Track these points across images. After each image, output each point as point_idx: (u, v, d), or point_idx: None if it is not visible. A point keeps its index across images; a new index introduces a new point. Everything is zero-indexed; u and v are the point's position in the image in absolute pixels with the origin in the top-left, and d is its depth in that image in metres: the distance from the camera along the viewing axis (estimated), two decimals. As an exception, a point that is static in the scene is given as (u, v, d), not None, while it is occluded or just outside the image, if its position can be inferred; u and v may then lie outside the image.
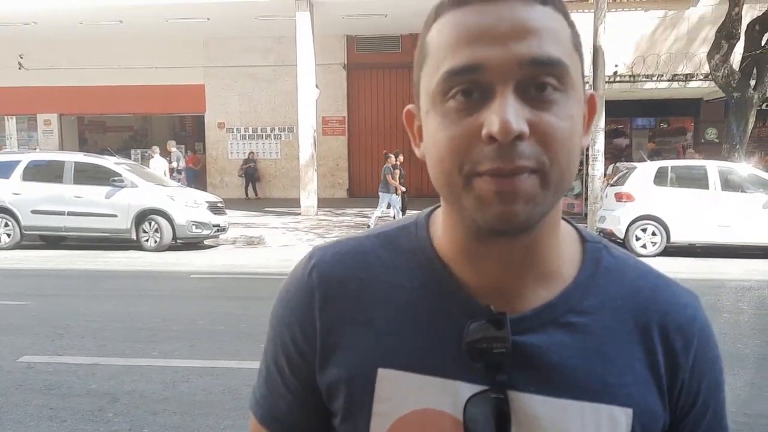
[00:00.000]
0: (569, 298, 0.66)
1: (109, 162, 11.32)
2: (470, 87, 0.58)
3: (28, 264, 9.53)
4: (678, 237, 10.08)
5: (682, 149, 16.27)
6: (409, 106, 0.69)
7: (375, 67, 18.31)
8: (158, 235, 10.72)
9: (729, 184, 10.18)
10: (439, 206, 0.70)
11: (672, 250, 10.14)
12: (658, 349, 0.66)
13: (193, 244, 11.35)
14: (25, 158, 11.34)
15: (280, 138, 19.62)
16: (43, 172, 11.07)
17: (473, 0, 0.60)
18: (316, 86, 15.19)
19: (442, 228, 0.68)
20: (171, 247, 10.86)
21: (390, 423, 0.65)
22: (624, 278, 0.68)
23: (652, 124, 17.29)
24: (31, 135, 20.08)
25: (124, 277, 8.67)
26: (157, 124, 22.64)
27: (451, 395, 0.64)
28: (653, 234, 10.10)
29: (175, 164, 15.28)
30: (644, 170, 10.51)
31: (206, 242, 11.67)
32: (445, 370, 0.64)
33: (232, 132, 19.77)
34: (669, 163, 10.90)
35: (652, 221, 10.08)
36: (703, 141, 16.35)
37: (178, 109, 20.43)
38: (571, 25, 0.63)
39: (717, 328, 0.67)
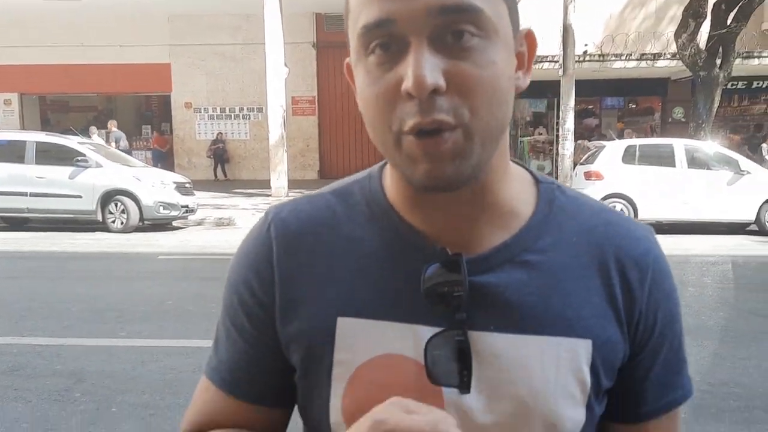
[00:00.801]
0: (524, 237, 0.66)
1: (72, 141, 11.02)
2: (387, 40, 0.58)
3: (-10, 246, 9.26)
4: (645, 214, 10.25)
5: (650, 129, 16.51)
6: (348, 60, 0.67)
7: (345, 46, 17.84)
8: (125, 216, 10.51)
9: (695, 162, 10.38)
10: None
11: (639, 228, 10.29)
12: (614, 282, 0.66)
13: (161, 225, 11.17)
14: (-16, 138, 10.99)
15: (249, 118, 19.34)
16: (3, 153, 10.73)
17: None
18: (285, 65, 14.96)
19: (391, 179, 0.68)
20: (138, 229, 10.67)
21: (351, 371, 0.65)
22: (578, 216, 0.69)
23: (621, 104, 17.50)
24: (-9, 115, 19.47)
25: (90, 258, 8.48)
26: (122, 104, 22.12)
27: (411, 339, 0.63)
28: (621, 211, 10.25)
29: (113, 145, 14.73)
30: (613, 149, 10.64)
31: (174, 223, 11.49)
32: (405, 314, 0.64)
33: (200, 112, 19.40)
34: (637, 142, 11.06)
35: (621, 199, 10.24)
36: (670, 120, 16.61)
37: (143, 89, 19.94)
38: None
39: (682, 302, 0.68)
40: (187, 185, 11.34)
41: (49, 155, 10.68)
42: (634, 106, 17.51)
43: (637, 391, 0.69)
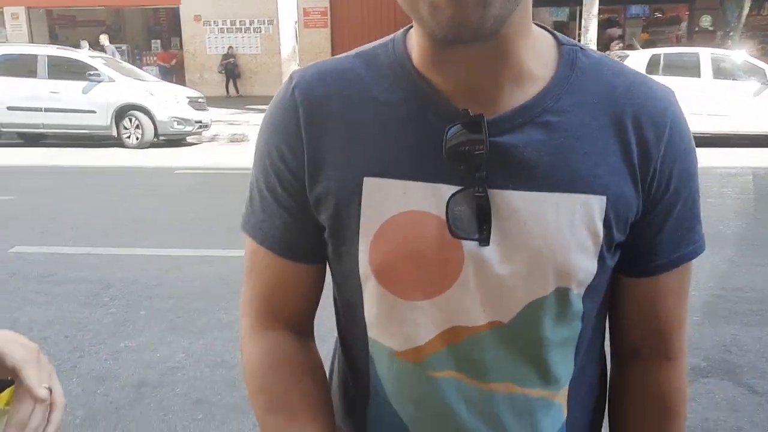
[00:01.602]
0: (545, 98, 0.67)
1: (83, 55, 10.87)
2: None
3: (9, 161, 9.35)
4: (666, 127, 10.06)
5: (677, 39, 15.92)
6: None
7: (358, -48, 17.35)
8: (139, 131, 10.49)
9: (721, 72, 10.05)
10: None
11: (659, 140, 10.15)
12: (631, 140, 0.67)
13: (176, 141, 11.17)
14: (-5, 52, 10.85)
15: (260, 31, 18.85)
16: (15, 67, 10.62)
17: None
18: (297, -27, 14.43)
19: (416, 41, 0.69)
20: (153, 144, 10.69)
21: (377, 226, 0.68)
22: (600, 77, 0.69)
23: (646, 13, 16.80)
24: (-1, 30, 19.16)
25: (109, 173, 8.56)
26: (130, 18, 21.60)
27: (434, 197, 0.66)
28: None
29: None
30: (637, 58, 10.30)
31: (189, 139, 11.48)
32: (428, 174, 0.66)
33: (210, 25, 18.92)
34: (662, 51, 10.69)
35: (641, 111, 10.01)
36: (697, 29, 15.97)
37: (150, 1, 19.42)
38: None
39: (702, 213, 0.70)
40: (200, 100, 11.23)
41: (61, 69, 10.56)
42: (660, 15, 16.81)
43: (650, 245, 0.71)
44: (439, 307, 0.68)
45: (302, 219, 0.72)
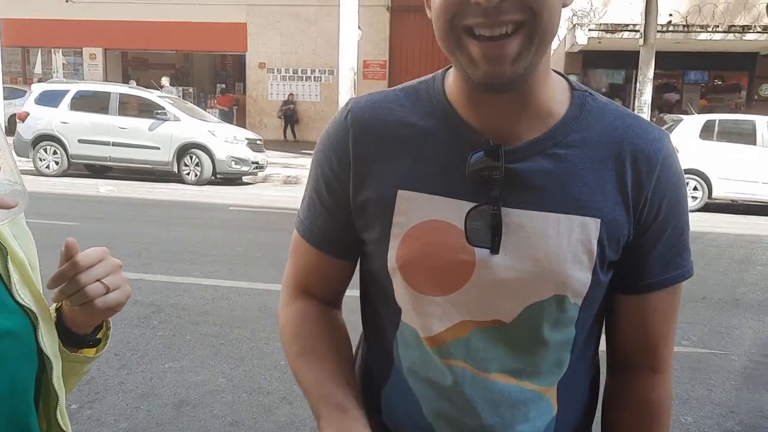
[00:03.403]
0: (555, 134, 0.79)
1: (153, 95, 11.51)
2: None
3: (75, 190, 9.89)
4: (720, 192, 9.89)
5: (736, 107, 15.72)
6: None
7: (419, 9, 17.83)
8: (199, 169, 10.96)
9: (778, 141, 9.86)
10: None
11: (713, 207, 9.96)
12: (627, 172, 0.79)
13: (232, 180, 11.59)
14: (73, 88, 11.60)
15: (320, 80, 19.56)
16: (89, 103, 11.34)
17: None
18: (359, 28, 15.00)
19: (453, 80, 0.82)
20: (210, 182, 11.12)
21: (405, 230, 0.81)
22: (604, 119, 0.82)
23: (705, 80, 16.68)
24: (77, 69, 20.44)
25: (166, 206, 8.95)
26: (198, 63, 22.76)
27: (456, 210, 0.79)
28: (695, 189, 9.90)
29: None
30: (691, 123, 10.24)
31: (245, 179, 11.90)
32: (452, 191, 0.79)
33: (273, 73, 19.75)
34: (717, 117, 10.59)
35: (695, 176, 9.87)
36: (756, 98, 15.75)
37: (219, 48, 20.45)
38: None
39: (749, 279, 0.79)
40: (258, 142, 11.68)
41: (131, 107, 11.21)
42: (720, 82, 16.68)
43: (641, 265, 0.81)
44: (452, 303, 0.79)
45: (341, 220, 0.86)
